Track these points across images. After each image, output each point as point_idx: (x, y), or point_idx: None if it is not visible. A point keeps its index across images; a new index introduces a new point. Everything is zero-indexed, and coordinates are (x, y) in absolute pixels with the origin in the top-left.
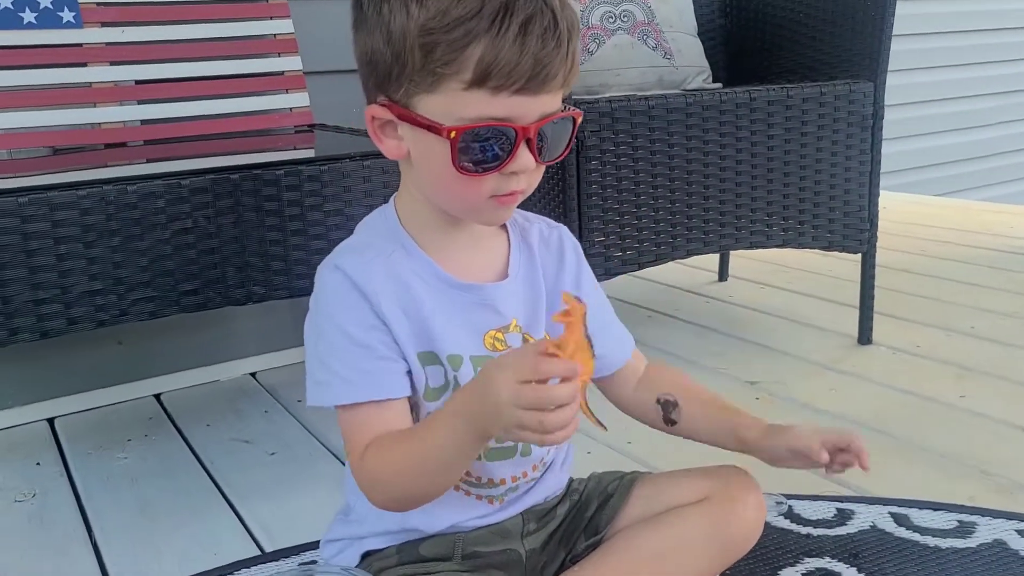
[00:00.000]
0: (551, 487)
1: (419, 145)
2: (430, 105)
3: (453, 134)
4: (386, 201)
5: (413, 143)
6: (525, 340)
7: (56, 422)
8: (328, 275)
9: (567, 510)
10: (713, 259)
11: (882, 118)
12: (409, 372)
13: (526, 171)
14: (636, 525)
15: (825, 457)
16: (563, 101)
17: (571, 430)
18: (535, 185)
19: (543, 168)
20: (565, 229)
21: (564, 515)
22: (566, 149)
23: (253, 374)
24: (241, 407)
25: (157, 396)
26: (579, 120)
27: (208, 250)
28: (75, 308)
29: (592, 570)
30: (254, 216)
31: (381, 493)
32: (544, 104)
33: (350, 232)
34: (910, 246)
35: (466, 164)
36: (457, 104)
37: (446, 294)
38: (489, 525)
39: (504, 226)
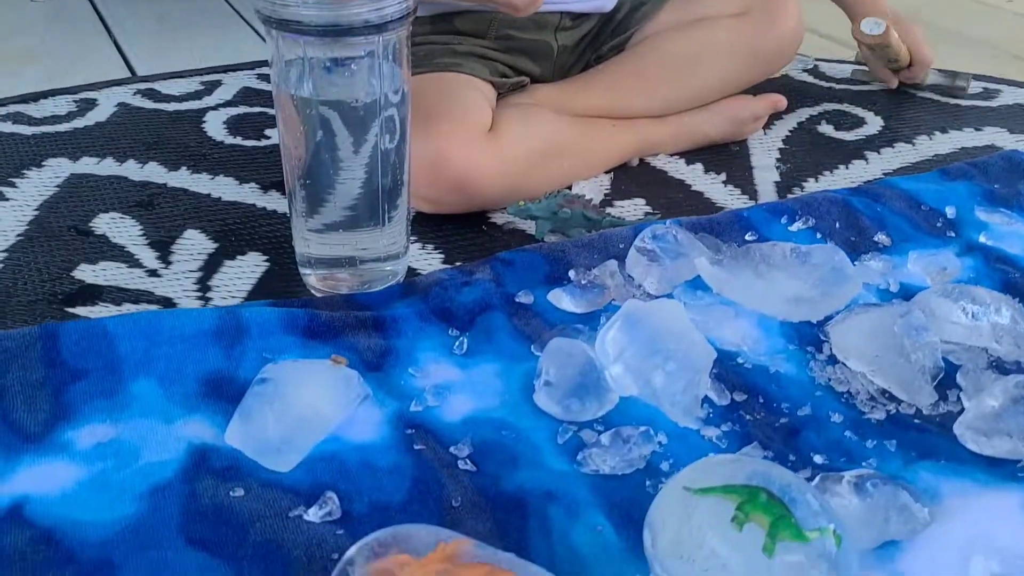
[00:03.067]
0: (597, 5)
1: None
2: None
3: None
4: None
5: None
6: None
7: None
8: None
9: (599, 18)
10: None
11: None
12: None
13: None
14: (667, 31)
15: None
16: None
17: None
18: None
19: None
20: None
21: (597, 21)
22: None
23: None
24: None
25: None
26: None
27: None
28: None
29: (617, 67)
30: None
31: None
32: None
33: None
34: None
35: None
36: None
37: None
38: None
39: None
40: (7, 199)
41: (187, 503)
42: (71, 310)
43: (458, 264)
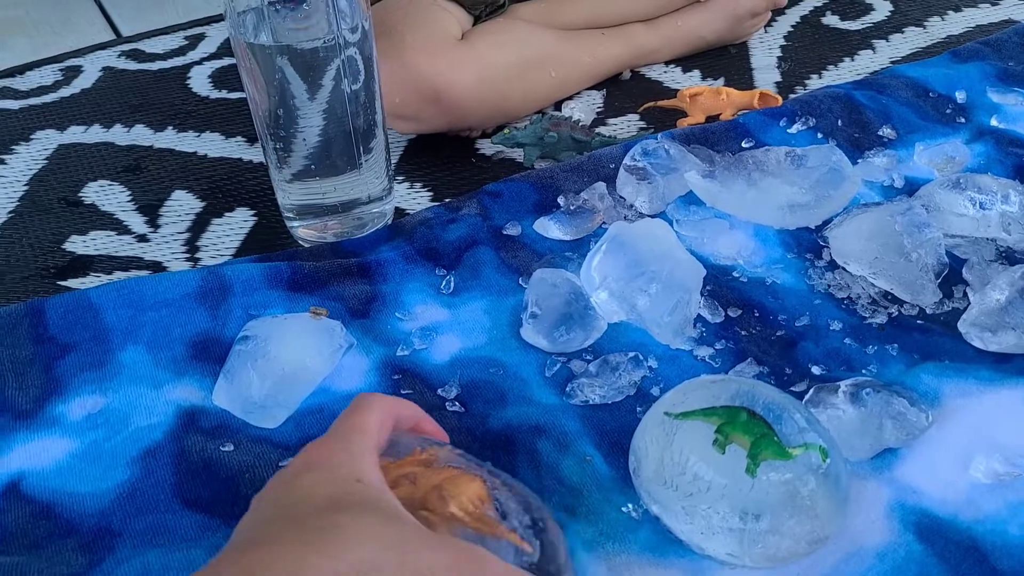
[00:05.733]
0: None
1: None
2: None
3: None
4: None
5: None
6: None
7: None
8: None
9: None
10: None
11: None
12: None
13: None
14: None
15: None
16: None
17: None
18: None
19: None
20: None
21: None
22: None
23: None
24: None
25: None
26: None
27: None
28: None
29: None
30: None
31: None
32: None
33: None
34: None
35: None
36: None
37: None
38: None
39: None
40: None
41: (178, 463)
42: (63, 283)
43: (446, 200)
